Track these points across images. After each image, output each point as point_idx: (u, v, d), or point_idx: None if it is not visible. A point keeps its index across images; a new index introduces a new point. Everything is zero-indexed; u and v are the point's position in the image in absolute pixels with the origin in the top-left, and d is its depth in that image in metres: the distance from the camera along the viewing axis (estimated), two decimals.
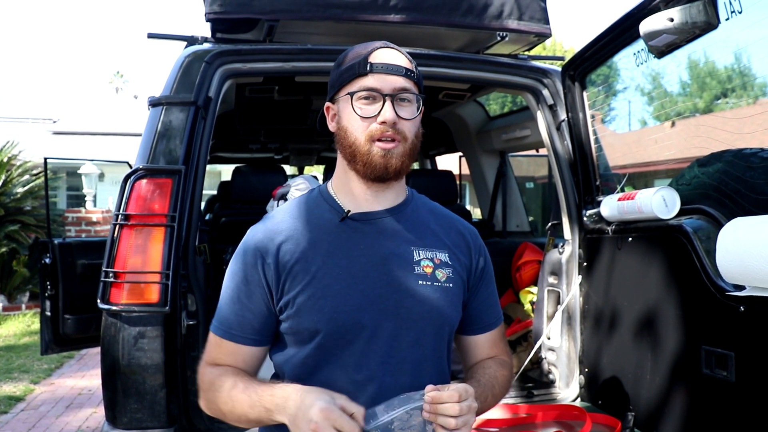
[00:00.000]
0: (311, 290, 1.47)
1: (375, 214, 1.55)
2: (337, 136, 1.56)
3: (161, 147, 2.53)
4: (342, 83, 1.53)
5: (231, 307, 1.53)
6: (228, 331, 1.53)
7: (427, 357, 1.53)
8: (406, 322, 1.50)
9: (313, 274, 1.47)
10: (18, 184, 9.86)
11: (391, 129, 1.48)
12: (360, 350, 1.46)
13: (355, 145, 1.50)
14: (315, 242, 1.51)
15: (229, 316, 1.53)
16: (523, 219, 5.10)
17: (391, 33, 3.02)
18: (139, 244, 2.39)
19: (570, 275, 3.00)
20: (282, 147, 6.16)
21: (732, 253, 1.83)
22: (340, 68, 1.54)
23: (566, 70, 2.82)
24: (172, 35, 3.10)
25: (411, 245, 1.55)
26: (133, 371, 2.35)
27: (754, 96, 10.62)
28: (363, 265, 1.49)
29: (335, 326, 1.45)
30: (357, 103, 1.49)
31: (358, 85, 1.50)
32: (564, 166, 3.01)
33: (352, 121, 1.50)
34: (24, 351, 7.41)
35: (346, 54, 1.56)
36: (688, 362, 2.18)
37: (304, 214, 1.56)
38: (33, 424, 5.03)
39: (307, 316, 1.46)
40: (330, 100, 1.58)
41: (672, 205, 2.33)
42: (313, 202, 1.59)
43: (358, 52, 1.53)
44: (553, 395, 3.02)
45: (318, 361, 1.48)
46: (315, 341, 1.47)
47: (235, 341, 1.53)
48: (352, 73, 1.51)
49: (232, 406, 1.47)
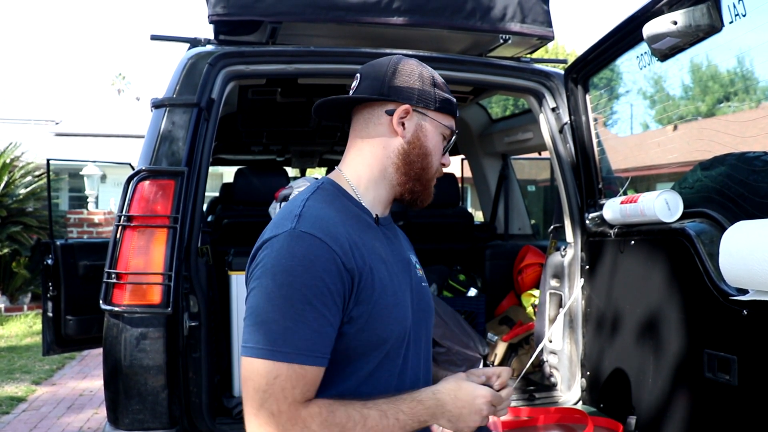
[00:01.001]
0: (385, 299, 1.40)
1: (389, 219, 1.61)
2: (409, 147, 1.52)
3: (164, 149, 2.54)
4: (441, 109, 1.54)
5: (311, 326, 1.29)
6: (314, 355, 1.29)
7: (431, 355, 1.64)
8: (426, 321, 1.59)
9: (382, 281, 1.41)
10: (20, 185, 9.87)
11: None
12: (408, 355, 1.50)
13: (430, 172, 1.55)
14: (371, 248, 1.44)
15: (310, 337, 1.29)
16: (525, 222, 5.10)
17: (393, 35, 3.03)
18: (141, 246, 2.39)
19: (572, 278, 2.99)
20: (284, 149, 6.16)
21: (735, 256, 1.82)
22: (439, 90, 1.55)
23: (569, 73, 2.82)
24: (175, 37, 3.11)
25: (407, 249, 1.65)
26: (135, 372, 2.35)
27: (757, 100, 10.61)
28: (400, 271, 1.52)
29: (401, 333, 1.45)
30: (442, 138, 1.56)
31: (451, 123, 1.57)
32: (566, 169, 3.01)
33: (435, 151, 1.55)
34: (26, 352, 7.42)
35: (435, 76, 1.56)
36: (690, 366, 2.18)
37: (346, 217, 1.44)
38: (34, 425, 5.03)
39: (384, 326, 1.40)
40: (414, 108, 1.51)
41: (675, 208, 2.33)
42: (339, 202, 1.48)
43: (445, 86, 1.58)
44: (555, 398, 3.02)
45: (376, 371, 1.42)
46: (379, 351, 1.41)
47: (320, 365, 1.32)
48: (451, 109, 1.56)
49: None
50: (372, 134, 1.53)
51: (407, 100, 1.51)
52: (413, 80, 1.52)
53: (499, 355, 3.65)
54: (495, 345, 3.72)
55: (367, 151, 1.53)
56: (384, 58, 1.58)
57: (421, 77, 1.53)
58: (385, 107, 1.51)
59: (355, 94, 1.55)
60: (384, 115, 1.51)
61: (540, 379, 3.26)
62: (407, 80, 1.52)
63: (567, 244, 3.04)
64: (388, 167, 1.52)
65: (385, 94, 1.51)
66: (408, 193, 1.54)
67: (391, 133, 1.51)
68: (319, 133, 5.43)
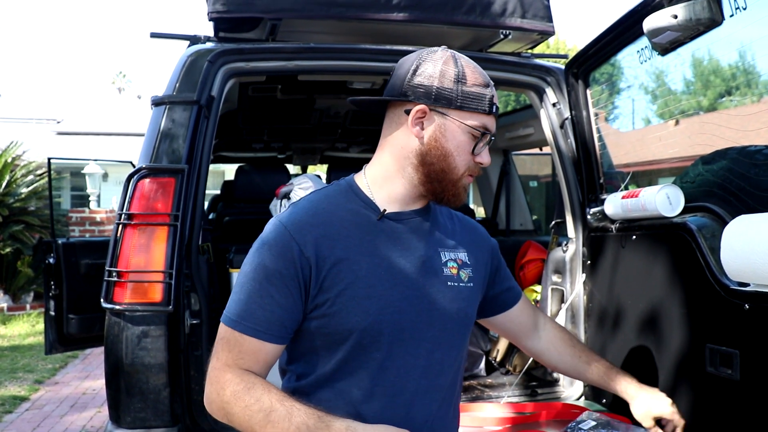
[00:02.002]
0: (354, 290, 1.43)
1: (406, 215, 1.54)
2: (427, 148, 1.48)
3: (164, 146, 2.53)
4: (463, 107, 1.46)
5: (257, 302, 1.42)
6: (252, 326, 1.42)
7: (455, 357, 1.56)
8: (439, 323, 1.51)
9: (356, 273, 1.44)
10: (22, 184, 9.89)
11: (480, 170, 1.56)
12: (397, 353, 1.46)
13: (453, 173, 1.49)
14: (356, 240, 1.47)
15: (255, 311, 1.42)
16: (526, 217, 5.10)
17: (394, 31, 3.02)
18: (142, 244, 2.39)
19: (574, 273, 2.99)
20: (285, 146, 6.16)
21: (736, 250, 1.82)
22: (463, 87, 1.47)
23: (570, 68, 2.81)
24: (174, 35, 3.10)
25: (437, 246, 1.56)
26: (136, 370, 2.35)
27: (759, 94, 10.59)
28: (402, 267, 1.49)
29: (377, 327, 1.44)
30: (470, 137, 1.48)
31: (480, 121, 1.48)
32: (567, 164, 3.00)
33: (460, 151, 1.48)
34: (28, 351, 7.44)
35: (464, 71, 1.48)
36: (692, 360, 2.18)
37: (337, 209, 1.50)
38: (38, 424, 5.05)
39: (349, 316, 1.43)
40: (430, 107, 1.47)
41: (676, 202, 2.33)
42: (343, 197, 1.53)
43: (482, 81, 1.49)
44: (558, 394, 3.01)
45: (353, 364, 1.45)
46: (350, 342, 1.43)
47: (259, 338, 1.43)
48: (482, 105, 1.47)
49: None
50: (393, 134, 1.53)
51: (424, 100, 1.47)
52: (433, 78, 1.46)
53: (501, 351, 3.64)
54: (497, 341, 3.72)
55: (387, 150, 1.54)
56: (417, 51, 1.53)
57: (443, 74, 1.46)
58: (404, 107, 1.49)
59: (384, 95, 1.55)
60: (403, 115, 1.49)
61: (542, 375, 3.26)
62: (427, 78, 1.47)
63: (568, 240, 3.03)
64: (407, 167, 1.51)
65: (403, 94, 1.49)
66: (431, 193, 1.52)
67: (409, 134, 1.49)
68: (320, 130, 5.42)
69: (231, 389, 1.40)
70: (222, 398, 1.41)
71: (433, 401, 1.50)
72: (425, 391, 1.49)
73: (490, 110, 1.48)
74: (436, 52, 1.50)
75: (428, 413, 1.49)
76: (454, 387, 1.58)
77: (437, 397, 1.51)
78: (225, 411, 1.41)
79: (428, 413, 1.49)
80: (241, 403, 1.38)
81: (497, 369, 3.64)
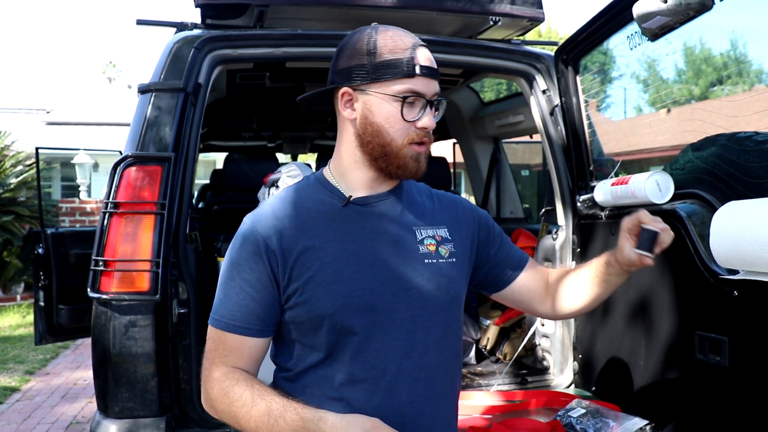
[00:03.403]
0: (322, 276, 1.44)
1: (374, 198, 1.54)
2: (361, 128, 1.49)
3: (151, 134, 2.51)
4: (379, 77, 1.45)
5: (233, 299, 1.47)
6: (231, 323, 1.46)
7: (440, 336, 1.53)
8: (417, 302, 1.49)
9: (322, 259, 1.45)
10: (11, 174, 9.83)
11: (427, 135, 1.50)
12: (375, 335, 1.45)
13: (391, 145, 1.47)
14: (320, 228, 1.48)
15: (231, 308, 1.47)
16: (517, 205, 5.09)
17: (383, 18, 2.98)
18: (129, 232, 2.36)
19: (564, 261, 2.99)
20: (275, 135, 6.13)
21: (726, 237, 1.81)
22: (375, 59, 1.45)
23: (559, 55, 2.79)
24: (161, 21, 3.07)
25: (412, 225, 1.55)
26: (124, 360, 2.33)
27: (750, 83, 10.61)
28: (371, 249, 1.48)
29: (349, 311, 1.43)
30: (399, 105, 1.46)
31: (405, 86, 1.45)
32: (557, 151, 2.99)
33: (391, 122, 1.46)
34: (19, 342, 7.41)
35: (376, 42, 1.46)
36: (681, 347, 2.18)
37: (303, 201, 1.53)
38: (28, 415, 5.03)
39: (318, 302, 1.43)
40: (350, 87, 1.49)
41: (666, 189, 2.32)
42: (311, 189, 1.56)
43: (399, 46, 1.46)
44: (548, 382, 3.02)
45: (332, 349, 1.45)
46: (324, 328, 1.44)
47: (239, 333, 1.46)
48: (398, 71, 1.45)
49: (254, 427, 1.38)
50: (339, 122, 1.56)
51: (345, 82, 1.49)
52: (350, 58, 1.48)
53: (492, 339, 3.65)
54: (487, 329, 3.72)
55: (339, 139, 1.57)
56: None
57: (355, 51, 1.48)
58: (337, 94, 1.52)
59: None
60: (340, 102, 1.52)
61: (532, 363, 3.27)
62: (345, 60, 1.49)
63: (558, 227, 3.03)
64: (355, 152, 1.53)
65: (332, 82, 1.53)
66: (381, 171, 1.51)
67: (346, 119, 1.52)
68: (309, 118, 5.40)
69: (217, 387, 1.45)
70: (211, 396, 1.46)
71: (418, 382, 1.48)
72: (409, 372, 1.47)
73: (412, 72, 1.45)
74: (355, 33, 1.51)
75: (413, 394, 1.47)
76: (445, 367, 1.54)
77: (423, 377, 1.49)
78: (215, 409, 1.47)
79: (413, 394, 1.47)
80: (226, 400, 1.43)
81: (487, 357, 3.65)
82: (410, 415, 1.46)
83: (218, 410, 1.45)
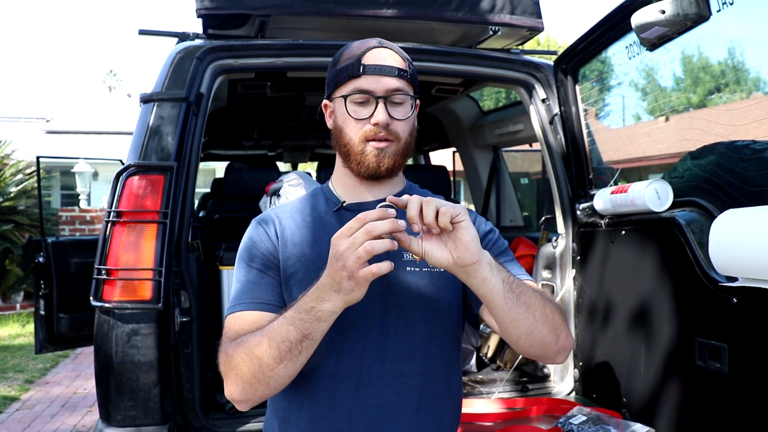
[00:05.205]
0: (303, 273, 1.50)
1: (370, 204, 1.55)
2: (334, 134, 1.59)
3: (153, 144, 2.52)
4: (337, 83, 1.55)
5: (251, 287, 1.52)
6: (252, 302, 1.49)
7: (417, 344, 1.51)
8: (394, 308, 1.50)
9: (306, 257, 1.52)
10: (11, 183, 9.85)
11: (384, 130, 1.51)
12: (348, 335, 1.47)
13: (350, 145, 1.54)
14: (311, 231, 1.56)
15: (251, 290, 1.52)
16: (516, 214, 5.10)
17: (383, 28, 3.02)
18: (131, 241, 2.38)
19: (564, 269, 3.00)
20: (275, 143, 6.15)
21: (724, 244, 1.83)
22: (336, 67, 1.56)
23: (558, 64, 2.82)
24: (163, 32, 3.09)
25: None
26: (126, 368, 2.34)
27: (748, 90, 10.64)
28: None
29: None
30: (351, 105, 1.52)
31: (352, 86, 1.52)
32: (557, 160, 3.01)
33: (346, 122, 1.53)
34: (19, 351, 7.40)
35: (342, 52, 1.57)
36: (681, 354, 2.19)
37: (304, 207, 1.63)
38: (28, 424, 5.02)
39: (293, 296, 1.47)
40: (327, 98, 1.60)
41: (665, 197, 2.33)
42: (313, 197, 1.66)
43: (353, 52, 1.54)
44: (548, 389, 3.02)
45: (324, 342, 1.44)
46: None
47: (256, 309, 1.48)
48: (346, 74, 1.52)
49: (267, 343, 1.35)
50: None
51: (326, 95, 1.61)
52: (328, 73, 1.60)
53: (492, 347, 3.65)
54: (488, 337, 3.72)
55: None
56: None
57: (331, 67, 1.58)
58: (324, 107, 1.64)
59: None
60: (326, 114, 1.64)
61: (533, 371, 3.27)
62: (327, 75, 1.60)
63: (558, 235, 3.04)
64: (338, 157, 1.61)
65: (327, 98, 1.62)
66: (355, 170, 1.55)
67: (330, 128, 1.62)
68: (310, 127, 5.41)
69: (231, 350, 1.41)
70: (228, 353, 1.41)
71: (390, 387, 1.47)
72: (378, 376, 1.47)
73: (357, 72, 1.50)
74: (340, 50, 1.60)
75: (383, 398, 1.47)
76: (428, 377, 1.52)
77: (395, 383, 1.48)
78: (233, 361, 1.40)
79: (383, 398, 1.47)
80: (240, 347, 1.39)
81: (488, 365, 3.65)
82: (379, 419, 1.47)
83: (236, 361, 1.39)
